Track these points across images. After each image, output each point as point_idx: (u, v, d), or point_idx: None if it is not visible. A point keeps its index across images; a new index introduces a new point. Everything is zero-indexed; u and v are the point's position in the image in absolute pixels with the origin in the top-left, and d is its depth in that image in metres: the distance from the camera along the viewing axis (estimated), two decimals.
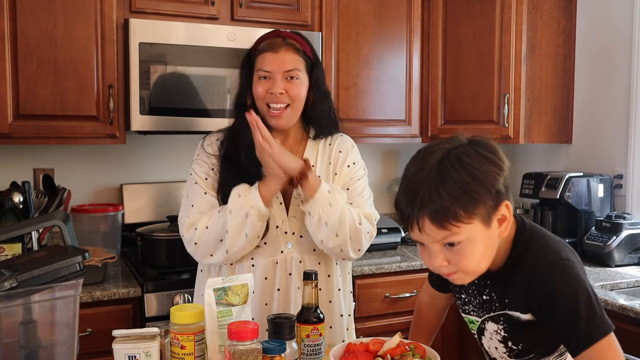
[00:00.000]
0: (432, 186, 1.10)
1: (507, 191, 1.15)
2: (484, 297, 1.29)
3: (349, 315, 1.84)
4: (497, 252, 1.20)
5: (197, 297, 1.80)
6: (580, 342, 1.14)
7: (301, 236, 1.70)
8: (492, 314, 1.27)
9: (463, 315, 1.39)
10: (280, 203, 1.70)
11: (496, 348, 1.32)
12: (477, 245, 1.13)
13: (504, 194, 1.14)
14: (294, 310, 1.66)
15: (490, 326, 1.29)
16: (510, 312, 1.23)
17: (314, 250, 1.71)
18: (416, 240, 1.18)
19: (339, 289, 1.76)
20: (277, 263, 1.68)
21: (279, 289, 1.69)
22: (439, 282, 1.48)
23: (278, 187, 1.62)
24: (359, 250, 1.68)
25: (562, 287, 1.15)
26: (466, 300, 1.35)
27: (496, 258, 1.21)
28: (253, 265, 1.69)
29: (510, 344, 1.28)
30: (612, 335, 1.16)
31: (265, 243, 1.68)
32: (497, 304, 1.26)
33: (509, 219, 1.17)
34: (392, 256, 2.83)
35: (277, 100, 1.65)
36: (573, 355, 1.17)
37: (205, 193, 1.69)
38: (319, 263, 1.72)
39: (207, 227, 1.64)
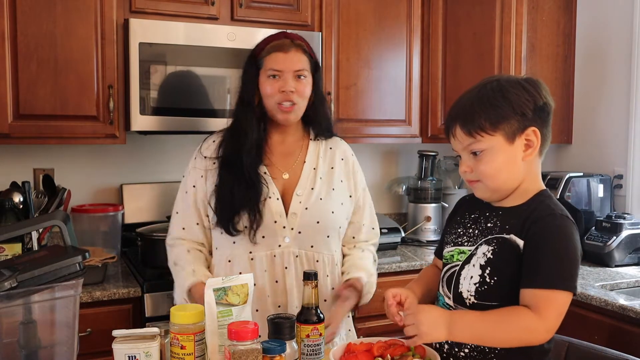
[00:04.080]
0: (469, 102, 1.33)
1: (537, 119, 1.32)
2: (489, 225, 1.39)
3: (348, 316, 1.84)
4: (518, 193, 1.36)
5: None
6: (542, 281, 1.25)
7: (300, 232, 1.72)
8: (488, 237, 1.37)
9: (451, 249, 1.45)
10: (278, 199, 1.73)
11: (471, 277, 1.36)
12: (497, 156, 1.31)
13: (532, 119, 1.31)
14: (292, 302, 1.70)
15: (482, 249, 1.37)
16: (506, 236, 1.34)
17: (312, 246, 1.74)
18: (454, 152, 1.39)
19: (332, 288, 1.77)
20: (274, 256, 1.72)
21: (277, 281, 1.72)
22: (441, 250, 1.55)
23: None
24: None
25: (559, 233, 1.29)
26: (462, 232, 1.45)
27: (516, 198, 1.36)
28: (252, 259, 1.72)
29: (487, 272, 1.33)
30: (570, 297, 1.27)
31: (263, 237, 1.71)
32: (497, 229, 1.37)
33: (536, 145, 1.33)
34: (392, 256, 2.83)
35: (288, 98, 1.72)
36: (525, 286, 1.27)
37: (190, 206, 1.80)
38: (317, 261, 1.74)
39: (174, 264, 1.80)
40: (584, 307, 2.24)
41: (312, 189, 1.76)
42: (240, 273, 1.69)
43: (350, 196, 1.83)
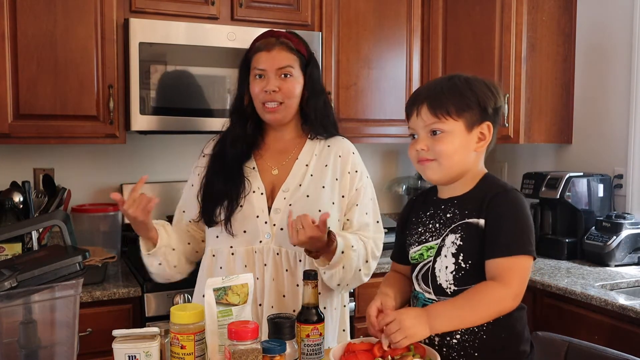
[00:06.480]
0: (439, 86, 1.43)
1: (494, 117, 1.44)
2: (448, 215, 1.45)
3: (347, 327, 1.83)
4: (466, 180, 1.45)
5: (198, 296, 1.80)
6: (503, 250, 1.35)
7: (282, 229, 1.69)
8: (452, 226, 1.43)
9: (418, 248, 1.49)
10: (262, 194, 1.72)
11: (446, 267, 1.42)
12: (455, 139, 1.40)
13: (490, 116, 1.42)
14: (269, 301, 1.69)
15: (449, 239, 1.43)
16: (468, 220, 1.41)
17: (295, 244, 1.69)
18: (410, 132, 1.46)
19: (319, 292, 1.73)
20: (255, 252, 1.70)
21: (257, 278, 1.69)
22: (399, 254, 1.59)
23: (142, 233, 1.72)
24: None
25: (513, 205, 1.39)
26: (422, 231, 1.49)
27: (465, 185, 1.45)
28: (233, 254, 1.71)
29: (461, 258, 1.40)
30: (530, 261, 1.37)
31: (244, 232, 1.70)
32: (458, 217, 1.44)
33: (487, 140, 1.43)
34: None
35: (271, 98, 1.70)
36: (488, 257, 1.36)
37: (184, 211, 1.84)
38: (300, 260, 1.70)
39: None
40: (584, 307, 2.24)
41: (300, 185, 1.72)
42: (221, 268, 1.71)
43: (343, 196, 1.75)
